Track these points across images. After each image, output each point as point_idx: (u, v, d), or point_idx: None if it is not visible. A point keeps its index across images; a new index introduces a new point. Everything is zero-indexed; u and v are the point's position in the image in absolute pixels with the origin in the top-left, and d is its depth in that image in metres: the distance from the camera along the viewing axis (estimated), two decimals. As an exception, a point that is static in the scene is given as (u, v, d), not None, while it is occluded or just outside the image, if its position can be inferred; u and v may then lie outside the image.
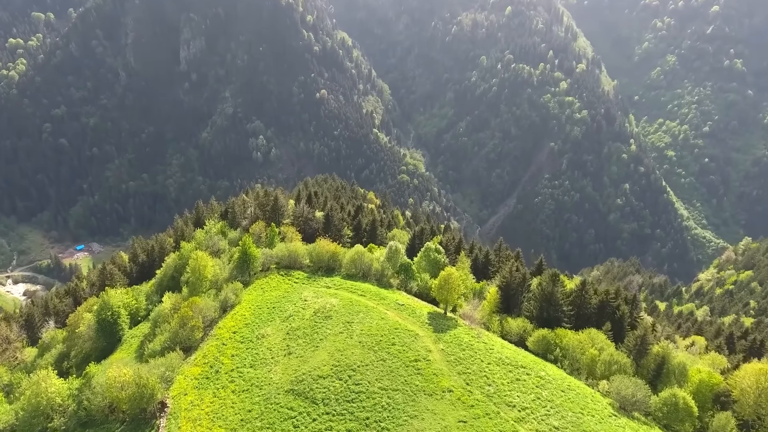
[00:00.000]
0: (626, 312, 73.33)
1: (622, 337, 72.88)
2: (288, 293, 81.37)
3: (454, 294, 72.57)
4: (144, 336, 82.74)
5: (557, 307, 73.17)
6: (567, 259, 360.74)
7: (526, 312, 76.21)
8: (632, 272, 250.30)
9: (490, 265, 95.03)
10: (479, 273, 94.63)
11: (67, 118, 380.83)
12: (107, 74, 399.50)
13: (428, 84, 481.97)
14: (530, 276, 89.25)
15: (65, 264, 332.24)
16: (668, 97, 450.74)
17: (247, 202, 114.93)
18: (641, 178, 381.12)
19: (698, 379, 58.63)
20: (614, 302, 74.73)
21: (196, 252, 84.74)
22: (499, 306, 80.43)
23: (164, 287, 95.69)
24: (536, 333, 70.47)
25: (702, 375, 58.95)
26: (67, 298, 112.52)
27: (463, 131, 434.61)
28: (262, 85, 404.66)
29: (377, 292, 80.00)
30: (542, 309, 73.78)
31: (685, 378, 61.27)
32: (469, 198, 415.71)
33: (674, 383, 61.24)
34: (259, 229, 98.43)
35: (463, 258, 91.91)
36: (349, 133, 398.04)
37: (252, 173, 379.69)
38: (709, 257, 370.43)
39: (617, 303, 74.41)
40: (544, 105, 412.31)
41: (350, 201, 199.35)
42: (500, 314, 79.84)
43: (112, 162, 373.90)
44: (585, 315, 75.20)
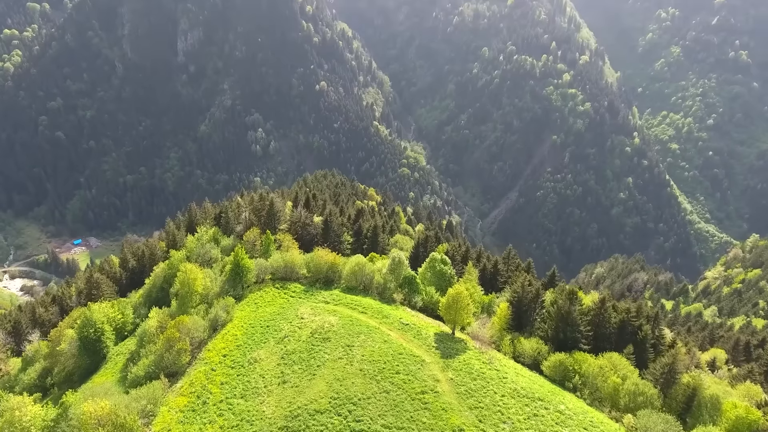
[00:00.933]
0: (649, 332, 67.24)
1: (644, 360, 66.82)
2: (283, 309, 75.20)
3: (464, 314, 66.40)
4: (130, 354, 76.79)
5: (574, 328, 67.05)
6: (569, 253, 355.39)
7: (540, 332, 70.09)
8: (637, 269, 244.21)
9: (498, 275, 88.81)
10: (487, 284, 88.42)
11: (63, 111, 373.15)
12: (104, 66, 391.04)
13: (429, 76, 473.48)
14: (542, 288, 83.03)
15: (62, 259, 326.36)
16: (672, 89, 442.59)
17: (241, 205, 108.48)
18: (644, 171, 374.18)
19: (734, 416, 52.73)
20: (635, 321, 68.63)
21: (185, 264, 78.42)
22: (510, 323, 74.32)
23: (153, 299, 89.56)
24: (552, 357, 64.37)
25: (738, 411, 53.02)
26: (53, 307, 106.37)
27: (465, 124, 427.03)
28: (260, 77, 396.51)
29: (379, 309, 73.80)
30: (558, 329, 67.68)
31: (718, 413, 55.35)
32: (471, 191, 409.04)
33: (707, 419, 55.34)
34: (254, 237, 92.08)
35: (470, 269, 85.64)
36: (349, 126, 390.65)
37: (251, 167, 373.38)
38: (713, 252, 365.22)
39: (639, 322, 68.30)
40: (546, 97, 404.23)
41: (350, 198, 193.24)
42: (511, 332, 73.77)
43: (110, 155, 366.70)
44: (604, 335, 69.12)
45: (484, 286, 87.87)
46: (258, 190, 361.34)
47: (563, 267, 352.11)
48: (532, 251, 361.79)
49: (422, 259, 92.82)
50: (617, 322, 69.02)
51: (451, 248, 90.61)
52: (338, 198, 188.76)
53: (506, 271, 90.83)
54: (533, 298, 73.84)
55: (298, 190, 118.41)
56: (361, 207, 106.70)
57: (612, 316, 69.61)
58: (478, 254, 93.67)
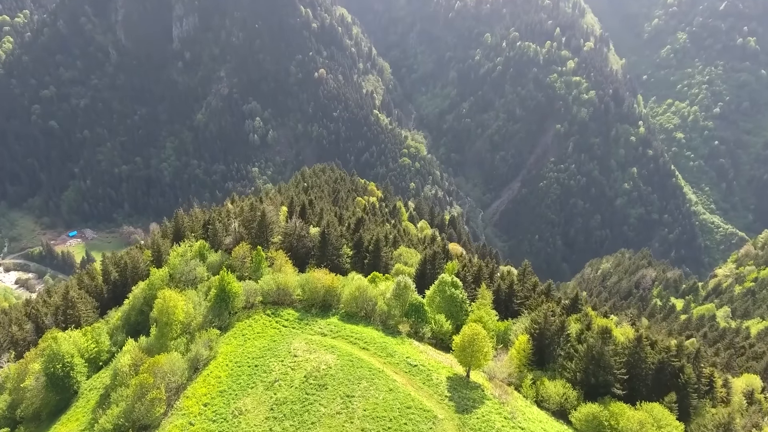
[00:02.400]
0: (692, 376, 58.03)
1: (687, 409, 57.67)
2: (275, 343, 65.76)
3: (480, 357, 56.99)
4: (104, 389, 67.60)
5: (607, 371, 57.77)
6: (572, 245, 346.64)
7: (567, 372, 60.80)
8: (644, 265, 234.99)
9: (514, 297, 79.36)
10: (502, 306, 79.06)
11: (56, 99, 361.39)
12: (97, 53, 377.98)
13: (430, 62, 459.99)
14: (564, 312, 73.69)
15: (57, 251, 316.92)
16: (678, 77, 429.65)
17: (231, 213, 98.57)
18: (649, 161, 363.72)
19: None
20: (676, 361, 59.37)
21: (164, 292, 68.77)
22: (531, 358, 65.07)
23: (132, 323, 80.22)
24: (584, 409, 55.16)
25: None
26: (28, 324, 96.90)
27: (466, 112, 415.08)
28: (258, 64, 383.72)
29: (383, 343, 64.38)
30: (588, 372, 58.40)
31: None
32: (472, 181, 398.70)
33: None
34: (243, 253, 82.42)
35: (483, 292, 76.16)
36: (349, 115, 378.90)
37: (249, 157, 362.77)
38: (718, 243, 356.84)
39: (680, 363, 59.05)
40: (550, 85, 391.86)
41: (350, 195, 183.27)
42: (532, 369, 64.56)
43: (104, 145, 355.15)
44: (639, 376, 59.92)
45: (498, 308, 78.51)
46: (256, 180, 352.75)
47: (566, 258, 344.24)
48: (535, 243, 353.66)
49: (429, 277, 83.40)
50: (655, 362, 59.68)
51: (462, 267, 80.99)
52: (337, 195, 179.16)
53: (522, 290, 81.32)
54: (558, 331, 64.40)
55: (294, 196, 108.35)
56: (361, 216, 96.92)
57: (649, 355, 60.26)
58: (491, 272, 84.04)
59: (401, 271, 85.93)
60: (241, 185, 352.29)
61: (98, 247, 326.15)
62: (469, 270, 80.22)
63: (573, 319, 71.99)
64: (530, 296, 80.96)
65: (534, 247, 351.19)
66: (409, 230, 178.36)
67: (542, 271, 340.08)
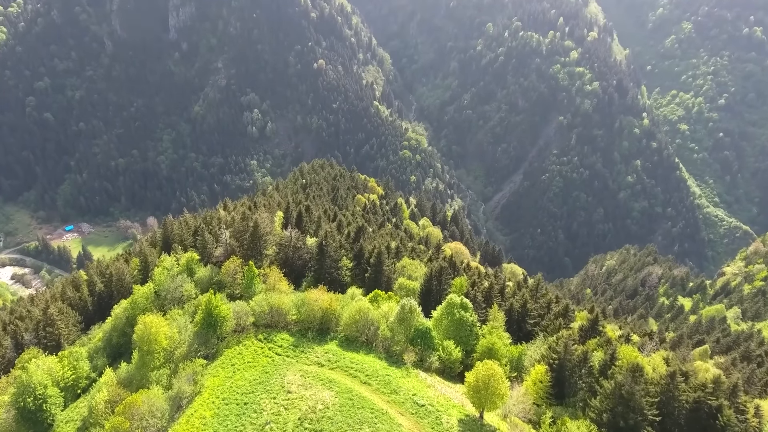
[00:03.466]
0: (732, 418, 51.47)
1: (726, 454, 51.11)
2: (266, 374, 59.07)
3: (497, 399, 50.39)
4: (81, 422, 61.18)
5: (638, 412, 51.18)
6: (574, 239, 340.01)
7: (591, 412, 54.16)
8: (650, 262, 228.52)
9: (527, 316, 72.67)
10: (514, 325, 72.52)
11: (51, 91, 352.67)
12: (92, 43, 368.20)
13: (431, 53, 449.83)
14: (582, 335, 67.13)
15: (53, 246, 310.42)
16: (682, 68, 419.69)
17: (223, 220, 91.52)
18: (653, 154, 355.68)
19: None
20: (713, 400, 52.79)
21: (145, 318, 62.03)
22: (549, 391, 58.53)
23: (114, 345, 73.71)
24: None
25: None
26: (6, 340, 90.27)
27: (468, 103, 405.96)
28: (256, 55, 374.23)
29: (386, 377, 57.71)
30: (616, 413, 51.80)
31: None
32: (473, 174, 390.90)
33: None
34: (234, 268, 75.58)
35: (495, 313, 69.47)
36: (349, 106, 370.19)
37: (247, 149, 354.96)
38: (721, 237, 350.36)
39: (718, 402, 52.45)
40: (553, 76, 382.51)
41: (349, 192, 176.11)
42: (551, 403, 58.04)
43: (100, 137, 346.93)
44: (671, 415, 53.36)
45: (510, 328, 71.95)
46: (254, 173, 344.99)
47: (568, 253, 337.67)
48: (537, 236, 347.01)
49: (435, 293, 76.74)
50: (690, 401, 53.03)
51: (471, 284, 74.16)
52: (336, 193, 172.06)
53: (536, 308, 74.60)
54: (579, 362, 57.72)
55: (290, 200, 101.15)
56: (361, 225, 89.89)
57: (683, 392, 53.60)
58: (501, 288, 77.19)
59: (405, 287, 79.23)
60: (239, 178, 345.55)
61: (95, 241, 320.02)
62: (479, 287, 73.37)
63: (593, 344, 65.26)
64: (545, 314, 74.35)
65: (536, 241, 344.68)
66: (411, 229, 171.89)
67: (544, 264, 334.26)
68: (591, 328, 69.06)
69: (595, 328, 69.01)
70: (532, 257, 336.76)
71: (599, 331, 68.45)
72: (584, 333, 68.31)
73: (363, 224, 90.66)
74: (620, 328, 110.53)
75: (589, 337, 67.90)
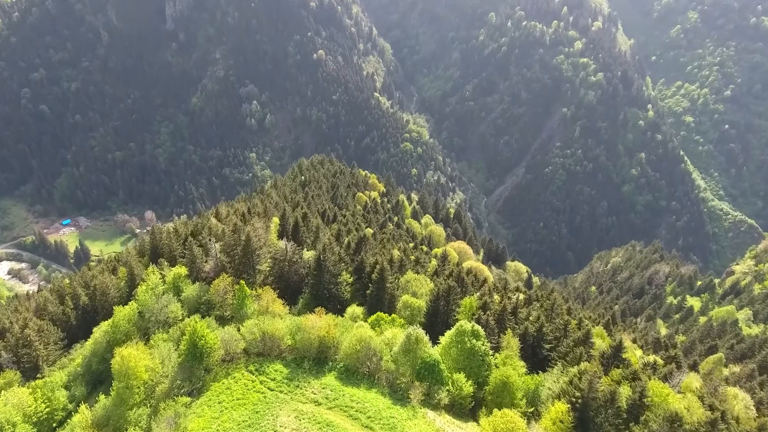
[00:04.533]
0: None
1: None
2: (257, 415, 52.68)
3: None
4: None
5: (676, 466, 45.01)
6: (577, 233, 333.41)
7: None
8: (657, 259, 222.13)
9: (543, 341, 66.22)
10: (528, 351, 66.03)
11: (46, 83, 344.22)
12: (88, 34, 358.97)
13: (433, 43, 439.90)
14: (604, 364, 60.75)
15: (50, 241, 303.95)
16: (688, 58, 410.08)
17: (214, 229, 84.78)
18: (658, 146, 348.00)
19: None
20: (759, 450, 46.68)
21: (122, 351, 55.50)
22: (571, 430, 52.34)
23: (93, 372, 67.29)
24: None
25: None
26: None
27: (470, 95, 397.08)
28: (255, 45, 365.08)
29: (390, 419, 51.33)
30: (651, 467, 45.62)
31: None
32: (475, 167, 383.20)
33: None
34: (224, 287, 68.97)
35: (509, 340, 62.99)
36: (349, 98, 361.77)
37: (246, 142, 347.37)
38: (726, 231, 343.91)
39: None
40: (556, 67, 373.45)
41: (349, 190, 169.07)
42: (573, 447, 51.80)
43: (97, 130, 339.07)
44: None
45: (524, 353, 65.49)
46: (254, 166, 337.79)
47: (571, 247, 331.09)
48: (539, 230, 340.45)
49: (442, 314, 70.21)
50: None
51: (482, 305, 67.58)
52: (336, 192, 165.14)
53: (552, 330, 68.10)
54: (606, 402, 51.31)
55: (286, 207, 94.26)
56: (363, 235, 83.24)
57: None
58: (514, 308, 70.58)
59: (409, 305, 72.64)
60: (238, 171, 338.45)
61: (92, 236, 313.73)
62: (491, 310, 66.76)
63: (617, 374, 58.90)
64: (561, 337, 67.88)
65: (538, 235, 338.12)
66: (413, 228, 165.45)
67: (546, 259, 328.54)
68: (614, 355, 62.59)
69: (618, 355, 62.54)
70: (534, 251, 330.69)
71: (623, 359, 61.99)
72: (607, 361, 61.92)
73: (364, 235, 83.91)
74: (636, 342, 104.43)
75: (612, 366, 61.56)
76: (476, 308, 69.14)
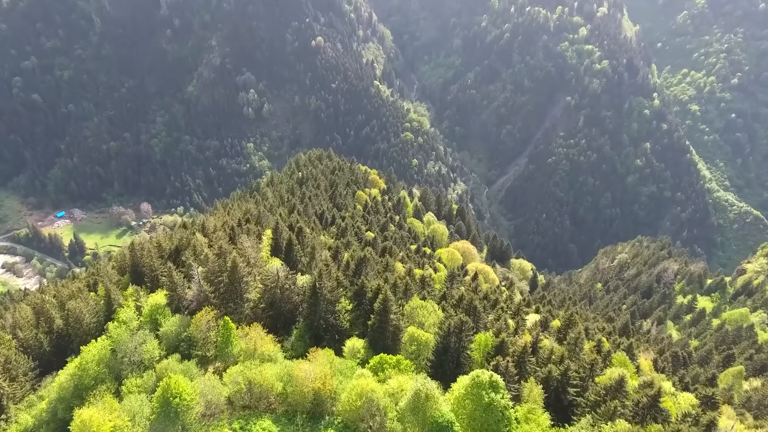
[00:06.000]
0: None
1: None
2: (241, 490, 44.40)
3: None
4: None
5: None
6: (581, 225, 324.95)
7: None
8: (665, 256, 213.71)
9: (569, 385, 57.77)
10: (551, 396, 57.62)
11: (38, 71, 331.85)
12: (80, 20, 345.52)
13: (434, 29, 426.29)
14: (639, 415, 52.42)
15: (45, 234, 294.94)
16: (694, 45, 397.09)
17: (199, 249, 75.81)
18: (663, 136, 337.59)
19: None
20: None
21: (81, 413, 46.99)
22: None
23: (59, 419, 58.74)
24: None
25: None
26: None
27: (472, 83, 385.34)
28: (251, 32, 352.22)
29: (397, 499, 43.01)
30: None
31: None
32: (477, 156, 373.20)
33: None
34: (207, 322, 60.25)
35: (532, 388, 54.53)
36: (348, 86, 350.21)
37: (243, 131, 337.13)
38: (731, 222, 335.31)
39: None
40: (560, 54, 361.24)
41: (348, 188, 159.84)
42: None
43: (91, 120, 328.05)
44: None
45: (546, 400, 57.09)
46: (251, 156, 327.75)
47: (574, 239, 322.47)
48: (542, 222, 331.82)
49: (453, 351, 61.53)
50: None
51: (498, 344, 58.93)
52: (335, 190, 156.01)
53: (578, 371, 59.58)
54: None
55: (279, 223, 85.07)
56: (364, 256, 74.44)
57: None
58: (535, 343, 61.99)
59: (416, 339, 64.00)
60: (235, 162, 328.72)
61: (87, 228, 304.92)
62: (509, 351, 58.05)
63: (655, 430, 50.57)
64: (587, 380, 59.41)
65: (541, 227, 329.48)
66: (416, 229, 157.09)
67: (549, 251, 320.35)
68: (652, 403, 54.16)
69: (656, 405, 54.09)
70: (536, 243, 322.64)
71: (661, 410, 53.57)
72: (641, 413, 53.53)
73: (364, 255, 75.07)
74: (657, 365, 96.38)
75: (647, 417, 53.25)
76: (491, 346, 60.57)
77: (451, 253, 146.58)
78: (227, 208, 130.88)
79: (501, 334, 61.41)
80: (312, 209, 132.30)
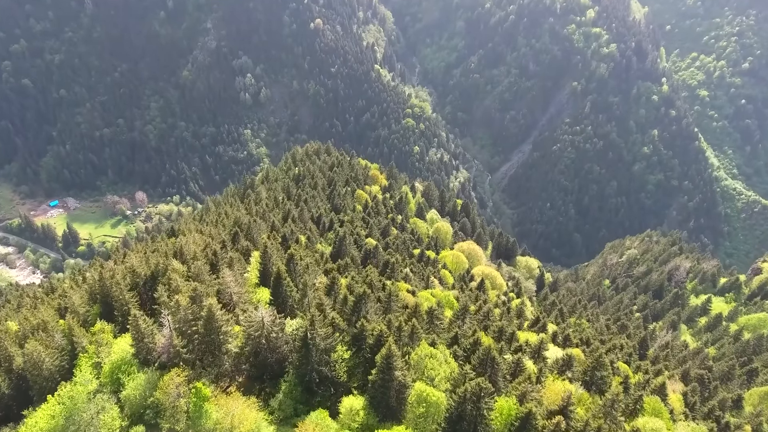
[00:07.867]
0: None
1: None
2: None
3: None
4: None
5: None
6: (585, 213, 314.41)
7: None
8: (676, 253, 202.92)
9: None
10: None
11: (28, 55, 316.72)
12: (70, 2, 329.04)
13: (436, 11, 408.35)
14: None
15: (37, 223, 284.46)
16: (704, 28, 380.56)
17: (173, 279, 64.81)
18: (672, 123, 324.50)
19: None
20: None
21: None
22: None
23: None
24: None
25: None
26: None
27: (475, 67, 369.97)
28: (248, 14, 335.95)
29: None
30: None
31: None
32: (480, 143, 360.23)
33: None
34: (176, 387, 49.74)
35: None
36: (348, 70, 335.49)
37: (240, 117, 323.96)
38: (739, 211, 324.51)
39: None
40: (567, 37, 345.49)
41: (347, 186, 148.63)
42: None
43: (83, 105, 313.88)
44: None
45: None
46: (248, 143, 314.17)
47: (579, 228, 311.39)
48: (546, 211, 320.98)
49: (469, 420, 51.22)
50: None
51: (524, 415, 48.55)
52: (334, 189, 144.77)
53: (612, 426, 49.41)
54: None
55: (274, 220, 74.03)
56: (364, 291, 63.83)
57: None
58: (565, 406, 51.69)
59: (425, 400, 53.66)
60: (232, 149, 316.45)
61: (81, 218, 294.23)
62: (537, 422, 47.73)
63: None
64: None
65: (545, 216, 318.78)
66: (419, 229, 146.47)
67: (553, 241, 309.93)
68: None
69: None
70: (540, 233, 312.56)
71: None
72: None
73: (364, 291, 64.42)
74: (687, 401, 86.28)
75: None
76: (516, 415, 50.27)
77: (456, 256, 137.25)
78: (218, 215, 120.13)
79: (526, 400, 50.95)
80: (308, 213, 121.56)
